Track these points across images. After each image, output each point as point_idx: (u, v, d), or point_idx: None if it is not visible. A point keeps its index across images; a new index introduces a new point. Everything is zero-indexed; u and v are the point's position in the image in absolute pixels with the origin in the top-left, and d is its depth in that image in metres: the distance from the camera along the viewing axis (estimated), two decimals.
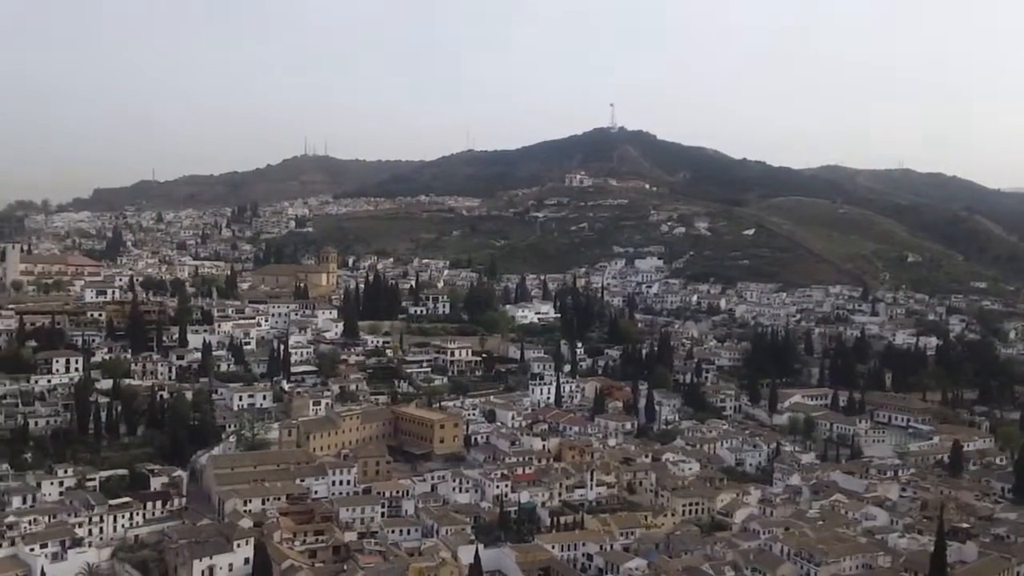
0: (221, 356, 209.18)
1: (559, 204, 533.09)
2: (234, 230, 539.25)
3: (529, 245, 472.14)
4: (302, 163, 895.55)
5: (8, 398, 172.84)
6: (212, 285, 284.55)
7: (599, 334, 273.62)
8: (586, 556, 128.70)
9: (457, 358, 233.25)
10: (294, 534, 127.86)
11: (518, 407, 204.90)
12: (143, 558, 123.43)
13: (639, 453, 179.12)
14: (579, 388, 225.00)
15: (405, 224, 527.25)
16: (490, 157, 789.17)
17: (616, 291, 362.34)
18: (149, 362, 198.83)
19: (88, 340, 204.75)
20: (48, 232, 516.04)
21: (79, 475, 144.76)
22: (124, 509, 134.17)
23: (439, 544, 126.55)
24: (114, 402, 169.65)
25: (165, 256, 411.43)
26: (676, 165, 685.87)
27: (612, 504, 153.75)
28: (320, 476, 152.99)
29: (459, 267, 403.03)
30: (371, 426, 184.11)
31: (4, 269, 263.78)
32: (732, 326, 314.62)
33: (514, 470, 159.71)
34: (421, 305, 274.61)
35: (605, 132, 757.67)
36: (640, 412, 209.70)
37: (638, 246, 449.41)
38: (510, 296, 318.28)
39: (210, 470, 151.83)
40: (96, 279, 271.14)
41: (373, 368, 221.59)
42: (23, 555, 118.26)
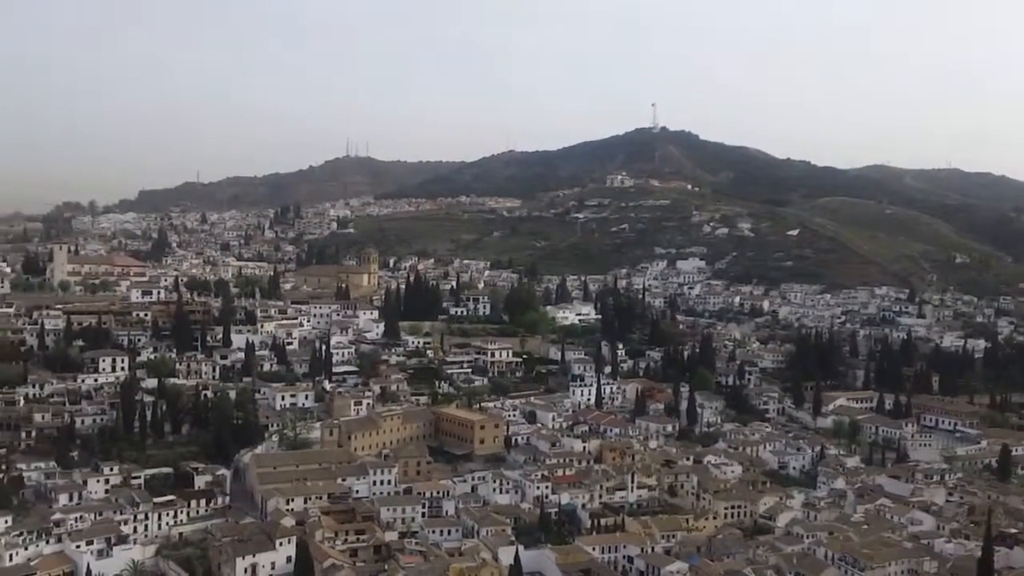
0: (264, 356, 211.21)
1: (600, 205, 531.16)
2: (277, 231, 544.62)
3: (570, 246, 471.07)
4: (344, 164, 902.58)
5: (56, 396, 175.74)
6: (255, 286, 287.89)
7: (640, 335, 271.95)
8: (627, 559, 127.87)
9: (497, 359, 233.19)
10: (335, 533, 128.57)
11: (559, 408, 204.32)
12: (187, 556, 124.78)
13: (680, 455, 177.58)
14: (620, 390, 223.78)
15: (446, 225, 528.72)
16: (531, 158, 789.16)
17: (657, 292, 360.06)
18: (193, 362, 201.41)
19: (134, 340, 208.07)
20: (95, 233, 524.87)
21: (125, 473, 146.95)
22: (169, 507, 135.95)
23: (479, 545, 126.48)
24: (159, 401, 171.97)
25: (209, 257, 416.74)
26: (719, 165, 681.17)
27: (653, 506, 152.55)
28: (361, 476, 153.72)
29: (500, 268, 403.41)
30: (412, 426, 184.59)
31: (52, 269, 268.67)
32: (775, 328, 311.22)
33: (554, 471, 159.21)
34: (462, 306, 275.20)
35: (647, 132, 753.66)
36: (681, 414, 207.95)
37: (680, 247, 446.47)
38: (551, 297, 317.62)
39: (253, 469, 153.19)
40: (142, 280, 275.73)
41: (414, 369, 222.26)
42: (70, 552, 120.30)
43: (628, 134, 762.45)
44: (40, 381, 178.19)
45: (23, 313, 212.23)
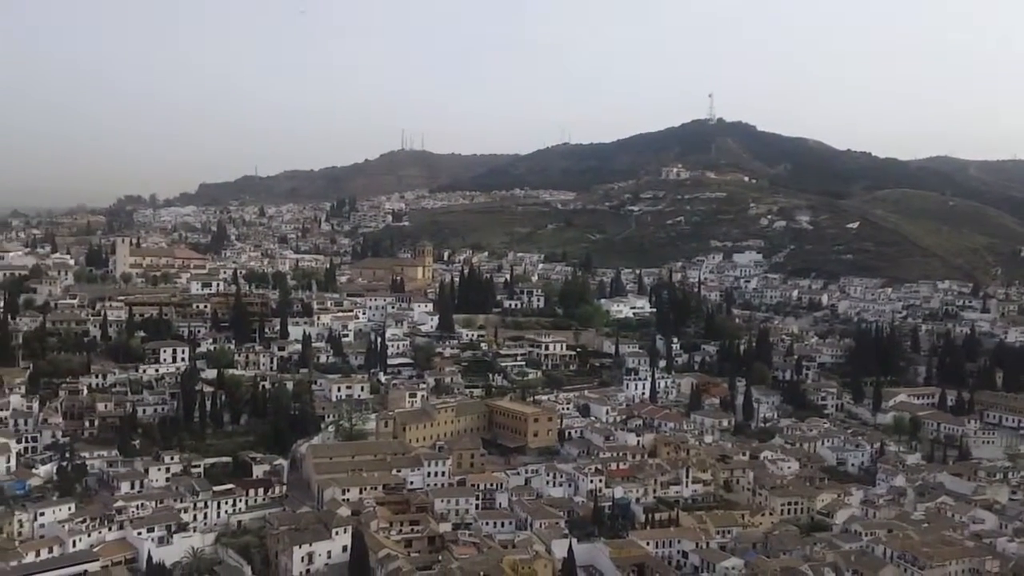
0: (320, 348, 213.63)
1: (655, 197, 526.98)
2: (333, 224, 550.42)
3: (624, 239, 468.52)
4: (399, 158, 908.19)
5: (118, 386, 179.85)
6: (312, 278, 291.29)
7: (695, 329, 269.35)
8: (681, 554, 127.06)
9: (551, 352, 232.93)
10: (390, 523, 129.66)
11: (612, 402, 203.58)
12: (245, 543, 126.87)
13: (736, 451, 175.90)
14: (675, 384, 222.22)
15: (500, 218, 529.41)
16: (585, 150, 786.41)
17: (713, 286, 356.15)
18: (252, 353, 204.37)
19: (194, 331, 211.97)
20: (156, 226, 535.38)
21: (185, 462, 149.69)
22: (227, 495, 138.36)
23: (533, 537, 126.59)
24: (218, 391, 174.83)
25: (267, 250, 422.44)
26: (776, 157, 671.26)
27: (708, 502, 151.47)
28: (416, 467, 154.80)
29: (554, 261, 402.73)
30: (465, 419, 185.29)
31: (114, 262, 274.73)
32: (834, 322, 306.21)
33: (608, 465, 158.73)
34: (515, 299, 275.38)
35: (703, 124, 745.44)
36: (737, 409, 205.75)
37: (736, 240, 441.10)
38: (605, 290, 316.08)
39: (309, 459, 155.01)
40: (201, 272, 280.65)
41: (468, 361, 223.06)
42: (131, 538, 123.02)
43: (684, 126, 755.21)
44: (103, 371, 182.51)
45: (86, 304, 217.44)
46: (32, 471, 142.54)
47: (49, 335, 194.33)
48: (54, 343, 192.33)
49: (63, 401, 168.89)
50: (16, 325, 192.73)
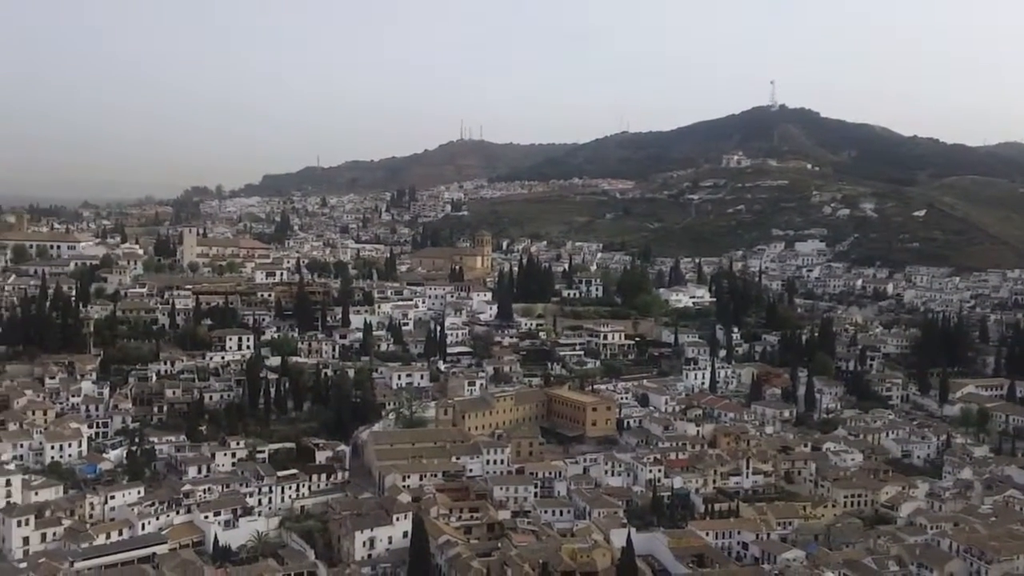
0: (381, 336, 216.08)
1: (715, 186, 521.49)
2: (393, 214, 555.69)
3: (684, 228, 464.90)
4: (458, 148, 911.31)
5: (185, 373, 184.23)
6: (372, 267, 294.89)
7: (756, 319, 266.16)
8: (741, 545, 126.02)
9: (610, 341, 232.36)
10: (450, 510, 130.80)
11: (671, 392, 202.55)
12: (309, 528, 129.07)
13: (798, 442, 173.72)
14: (735, 374, 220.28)
15: (558, 207, 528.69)
16: (644, 139, 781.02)
17: (775, 275, 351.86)
18: (314, 341, 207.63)
19: (258, 319, 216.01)
20: (222, 216, 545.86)
21: (250, 447, 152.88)
22: (291, 481, 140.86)
23: (591, 526, 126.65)
24: (282, 379, 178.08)
25: (329, 239, 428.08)
26: (840, 144, 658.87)
27: (769, 493, 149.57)
28: (475, 455, 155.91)
29: (612, 250, 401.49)
30: (524, 407, 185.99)
31: (182, 252, 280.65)
32: (900, 312, 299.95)
33: (667, 455, 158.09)
34: (574, 288, 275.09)
35: (764, 111, 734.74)
36: (799, 400, 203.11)
37: (799, 228, 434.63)
38: (664, 280, 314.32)
39: (371, 446, 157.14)
40: (265, 261, 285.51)
41: (526, 350, 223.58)
42: (198, 522, 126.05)
43: (745, 113, 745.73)
44: (171, 358, 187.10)
45: (155, 293, 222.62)
46: (103, 455, 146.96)
47: (119, 323, 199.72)
48: (124, 331, 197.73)
49: (133, 387, 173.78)
50: (88, 313, 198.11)
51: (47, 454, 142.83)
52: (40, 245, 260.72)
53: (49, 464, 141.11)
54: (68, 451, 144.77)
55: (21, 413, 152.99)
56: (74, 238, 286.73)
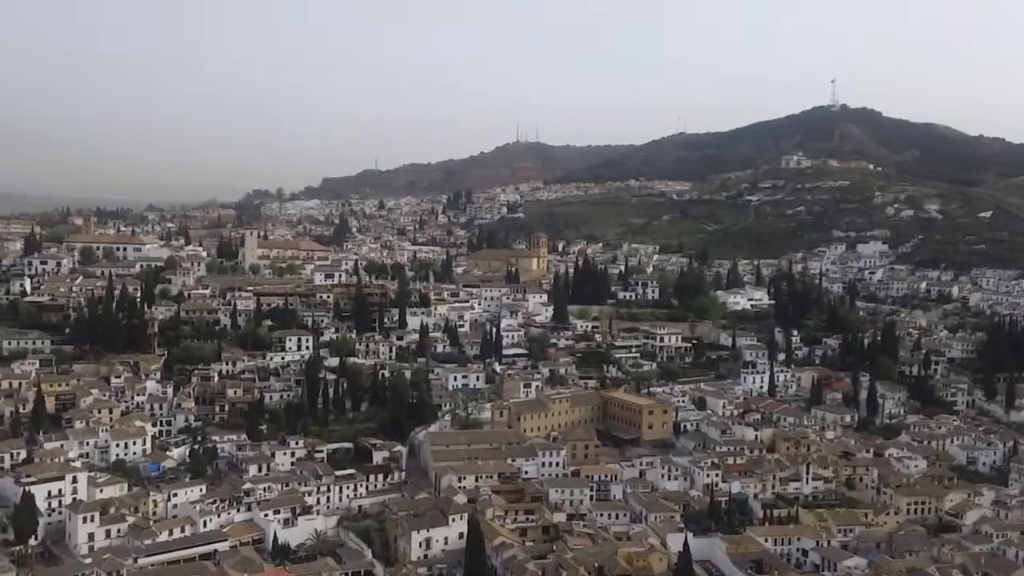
0: (437, 337, 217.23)
1: (774, 187, 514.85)
2: (449, 216, 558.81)
3: (742, 229, 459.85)
4: (514, 150, 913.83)
5: (246, 373, 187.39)
6: (429, 269, 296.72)
7: (816, 322, 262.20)
8: (801, 551, 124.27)
9: (666, 344, 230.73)
10: (505, 512, 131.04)
11: (729, 395, 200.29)
12: (366, 527, 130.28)
13: (859, 447, 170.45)
14: (794, 378, 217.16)
15: (614, 209, 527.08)
16: (701, 140, 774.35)
17: (835, 277, 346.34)
18: (372, 342, 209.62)
19: (317, 320, 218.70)
20: (282, 219, 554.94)
21: (309, 447, 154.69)
22: (349, 480, 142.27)
23: (647, 530, 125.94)
24: (340, 379, 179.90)
25: (386, 241, 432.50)
26: (903, 144, 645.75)
27: (829, 499, 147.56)
28: (530, 457, 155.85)
29: (669, 252, 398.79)
30: (580, 410, 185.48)
31: (243, 253, 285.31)
32: (965, 315, 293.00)
33: (725, 459, 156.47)
34: (630, 290, 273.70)
35: (825, 110, 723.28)
36: (861, 405, 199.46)
37: (860, 230, 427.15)
38: (721, 282, 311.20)
39: (427, 446, 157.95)
40: (324, 263, 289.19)
41: (582, 352, 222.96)
42: (258, 520, 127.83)
43: (805, 113, 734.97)
44: (233, 358, 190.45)
45: (217, 294, 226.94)
46: (166, 453, 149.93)
47: (183, 323, 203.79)
48: (187, 331, 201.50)
49: (195, 387, 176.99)
50: (152, 314, 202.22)
51: (112, 452, 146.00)
52: (107, 247, 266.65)
53: (114, 462, 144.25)
54: (132, 449, 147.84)
55: (88, 411, 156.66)
56: (139, 240, 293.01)
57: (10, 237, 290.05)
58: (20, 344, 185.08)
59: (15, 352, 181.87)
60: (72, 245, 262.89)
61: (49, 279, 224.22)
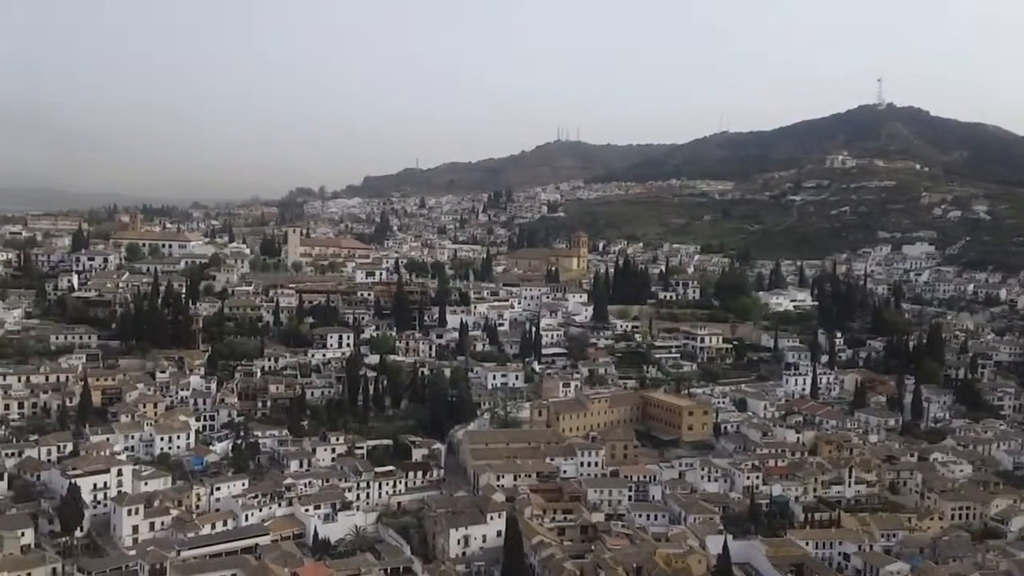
0: (477, 336, 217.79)
1: (818, 186, 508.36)
2: (490, 215, 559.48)
3: (785, 230, 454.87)
4: (555, 149, 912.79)
5: (288, 369, 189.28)
6: (469, 268, 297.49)
7: (861, 324, 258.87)
8: (842, 556, 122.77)
9: (707, 344, 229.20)
10: (544, 511, 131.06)
11: (771, 397, 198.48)
12: (405, 524, 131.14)
13: (904, 451, 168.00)
14: (838, 380, 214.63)
15: (655, 208, 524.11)
16: (744, 139, 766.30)
17: (880, 279, 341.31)
18: (412, 340, 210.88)
19: (358, 318, 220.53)
20: (324, 217, 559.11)
21: (349, 443, 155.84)
22: (388, 477, 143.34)
23: (686, 531, 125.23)
24: (380, 376, 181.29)
25: (427, 240, 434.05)
26: (951, 143, 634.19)
27: (872, 503, 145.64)
28: (569, 456, 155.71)
29: (710, 252, 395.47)
30: (619, 410, 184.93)
31: (286, 251, 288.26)
32: (1013, 318, 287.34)
33: (766, 462, 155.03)
34: (671, 290, 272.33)
35: (871, 109, 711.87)
36: (905, 408, 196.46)
37: (906, 231, 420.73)
38: (764, 282, 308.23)
39: (466, 445, 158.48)
40: (365, 261, 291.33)
41: (622, 352, 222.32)
42: (299, 515, 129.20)
43: (850, 112, 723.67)
44: (275, 355, 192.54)
45: (260, 291, 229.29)
46: (210, 448, 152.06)
47: (226, 320, 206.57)
48: (231, 327, 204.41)
49: (238, 382, 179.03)
50: (197, 310, 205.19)
51: (157, 446, 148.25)
52: (152, 244, 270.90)
53: (158, 455, 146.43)
54: (177, 443, 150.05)
55: (133, 406, 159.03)
56: (185, 237, 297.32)
57: (59, 234, 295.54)
58: (68, 339, 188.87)
59: (63, 347, 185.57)
60: (119, 242, 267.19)
61: (96, 275, 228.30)
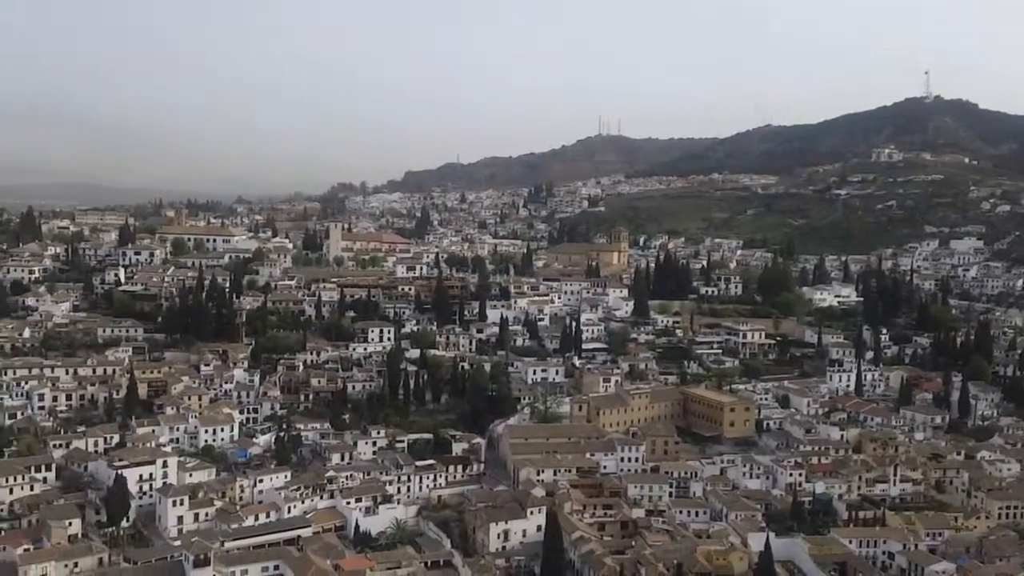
0: (517, 331, 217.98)
1: (864, 180, 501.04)
2: (530, 209, 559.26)
3: (829, 224, 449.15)
4: (596, 143, 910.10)
5: (330, 363, 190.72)
6: (509, 262, 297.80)
7: (906, 320, 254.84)
8: (887, 555, 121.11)
9: (749, 340, 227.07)
10: (583, 506, 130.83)
11: (814, 394, 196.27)
12: (445, 518, 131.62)
13: (950, 450, 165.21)
14: (883, 377, 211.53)
15: (697, 203, 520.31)
16: (788, 132, 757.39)
17: (927, 274, 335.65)
18: (452, 334, 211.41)
19: (399, 312, 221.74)
20: (365, 212, 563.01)
21: (390, 437, 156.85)
22: (429, 471, 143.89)
23: (728, 528, 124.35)
24: (421, 371, 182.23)
25: (467, 235, 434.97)
26: (1001, 137, 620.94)
27: (917, 502, 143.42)
28: (609, 452, 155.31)
29: (753, 247, 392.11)
30: (660, 405, 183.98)
31: (328, 246, 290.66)
32: None
33: (809, 459, 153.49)
34: (712, 285, 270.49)
35: (918, 102, 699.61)
36: (952, 406, 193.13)
37: (954, 225, 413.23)
38: (807, 278, 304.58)
39: (506, 439, 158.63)
40: (406, 256, 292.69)
41: (662, 348, 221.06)
42: (341, 507, 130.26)
43: (897, 105, 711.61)
44: (317, 348, 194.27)
45: (302, 286, 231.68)
46: (253, 440, 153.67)
47: (269, 314, 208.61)
48: (274, 321, 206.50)
49: (281, 376, 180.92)
50: (240, 304, 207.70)
51: (201, 438, 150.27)
52: (197, 239, 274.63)
53: (203, 447, 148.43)
54: (221, 435, 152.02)
55: (178, 398, 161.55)
56: (228, 232, 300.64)
57: (106, 229, 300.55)
58: (114, 332, 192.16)
59: (110, 340, 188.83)
60: (164, 236, 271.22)
61: (142, 269, 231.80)
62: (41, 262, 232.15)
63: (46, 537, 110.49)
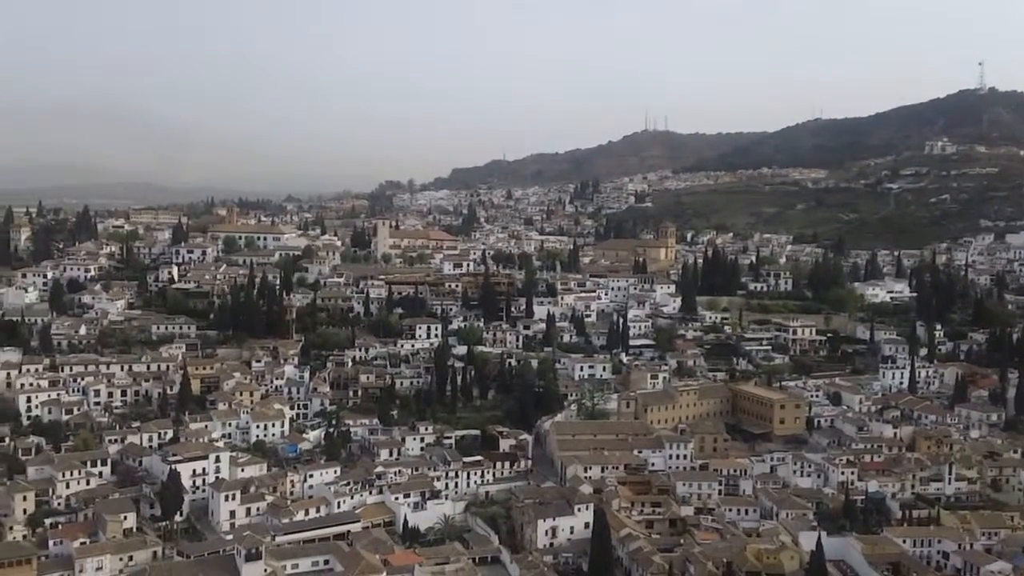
0: (563, 327, 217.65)
1: (917, 174, 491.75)
2: (576, 206, 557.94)
3: (881, 219, 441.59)
4: (642, 139, 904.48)
5: (378, 360, 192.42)
6: (556, 259, 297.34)
7: (961, 316, 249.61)
8: (941, 554, 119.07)
9: (799, 337, 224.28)
10: (631, 504, 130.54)
11: (866, 391, 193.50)
12: (492, 514, 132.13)
13: (1007, 448, 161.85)
14: (937, 374, 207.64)
15: (745, 198, 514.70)
16: (838, 125, 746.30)
17: (983, 269, 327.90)
18: (499, 331, 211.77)
19: (446, 309, 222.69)
20: (412, 209, 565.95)
21: (438, 433, 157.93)
22: (476, 467, 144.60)
23: (779, 527, 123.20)
24: (468, 367, 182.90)
25: (514, 231, 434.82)
26: None
27: (973, 501, 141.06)
28: (657, 449, 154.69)
29: (803, 242, 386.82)
30: (708, 402, 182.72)
31: (376, 243, 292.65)
32: None
33: (861, 457, 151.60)
34: (761, 281, 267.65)
35: (972, 94, 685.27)
36: (1009, 403, 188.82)
37: (1010, 219, 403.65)
38: (859, 273, 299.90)
39: (553, 436, 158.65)
40: (453, 252, 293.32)
41: (711, 344, 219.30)
42: (389, 503, 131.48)
43: (950, 97, 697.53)
44: (365, 345, 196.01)
45: (351, 283, 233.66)
46: (303, 436, 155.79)
47: (319, 310, 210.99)
48: (323, 318, 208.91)
49: (330, 372, 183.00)
50: (290, 301, 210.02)
51: (253, 433, 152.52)
52: (248, 236, 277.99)
53: (254, 442, 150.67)
54: (272, 431, 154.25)
55: (230, 394, 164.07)
56: (279, 230, 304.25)
57: (159, 227, 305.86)
58: (168, 329, 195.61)
59: (163, 336, 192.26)
60: (216, 235, 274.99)
61: (195, 267, 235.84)
62: (97, 260, 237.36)
63: (102, 531, 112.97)
